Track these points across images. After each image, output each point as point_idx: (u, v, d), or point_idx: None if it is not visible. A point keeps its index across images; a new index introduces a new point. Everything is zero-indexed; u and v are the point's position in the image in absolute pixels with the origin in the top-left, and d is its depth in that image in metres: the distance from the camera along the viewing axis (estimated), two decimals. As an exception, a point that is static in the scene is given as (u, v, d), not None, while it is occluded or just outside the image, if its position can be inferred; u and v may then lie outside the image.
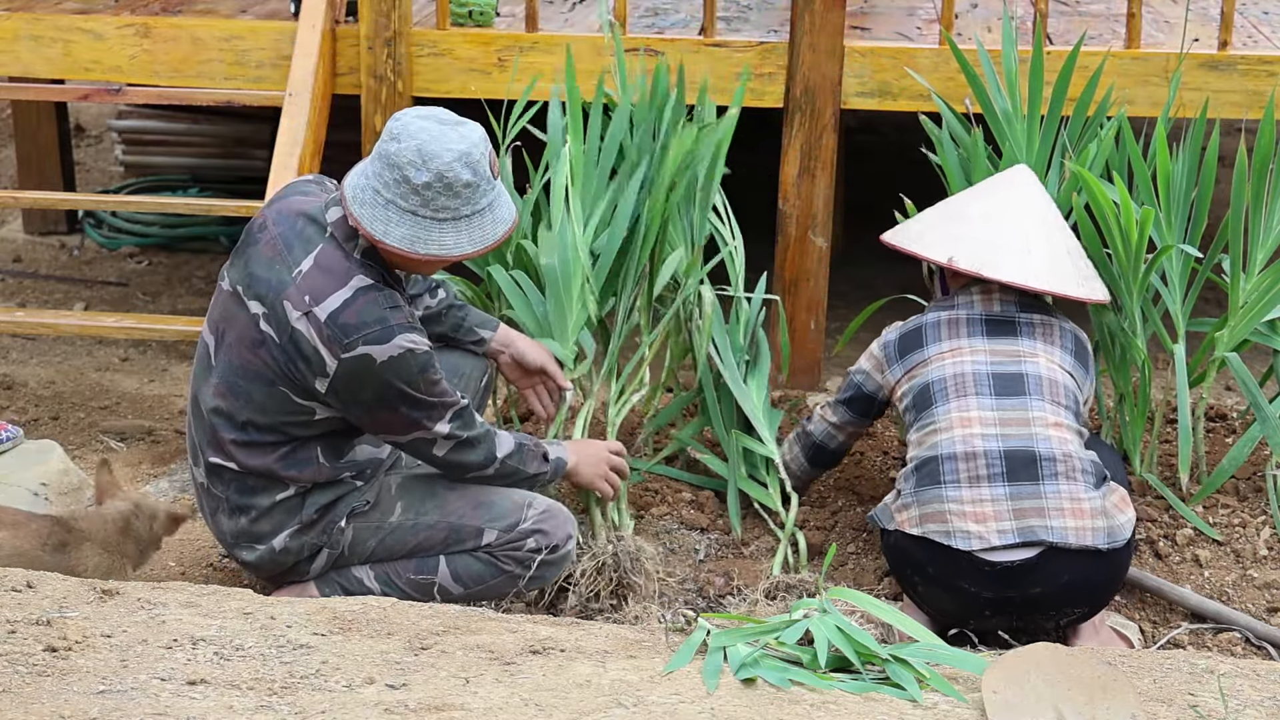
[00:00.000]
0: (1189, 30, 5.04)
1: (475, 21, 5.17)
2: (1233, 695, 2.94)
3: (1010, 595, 3.49)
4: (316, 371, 3.32)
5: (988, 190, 4.05)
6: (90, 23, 5.21)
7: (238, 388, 3.41)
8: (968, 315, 3.83)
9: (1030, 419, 3.62)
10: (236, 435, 3.43)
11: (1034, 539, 3.51)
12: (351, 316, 3.29)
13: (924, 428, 3.71)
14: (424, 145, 3.23)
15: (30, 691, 2.76)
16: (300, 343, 3.31)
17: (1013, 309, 3.83)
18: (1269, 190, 4.23)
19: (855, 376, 4.01)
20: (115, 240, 7.00)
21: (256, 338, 3.37)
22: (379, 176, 3.27)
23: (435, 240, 3.29)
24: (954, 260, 3.81)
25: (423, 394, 3.36)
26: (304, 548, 3.51)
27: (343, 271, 3.32)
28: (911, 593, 3.70)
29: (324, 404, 3.39)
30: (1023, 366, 3.71)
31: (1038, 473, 3.56)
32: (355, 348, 3.28)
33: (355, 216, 3.29)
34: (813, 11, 4.83)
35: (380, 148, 3.28)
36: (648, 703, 2.80)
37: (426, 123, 3.26)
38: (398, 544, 3.54)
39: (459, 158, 3.24)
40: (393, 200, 3.26)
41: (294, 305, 3.31)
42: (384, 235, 3.27)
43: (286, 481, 3.46)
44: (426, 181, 3.23)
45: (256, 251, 3.42)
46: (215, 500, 3.52)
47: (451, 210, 3.28)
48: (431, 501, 3.55)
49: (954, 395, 3.69)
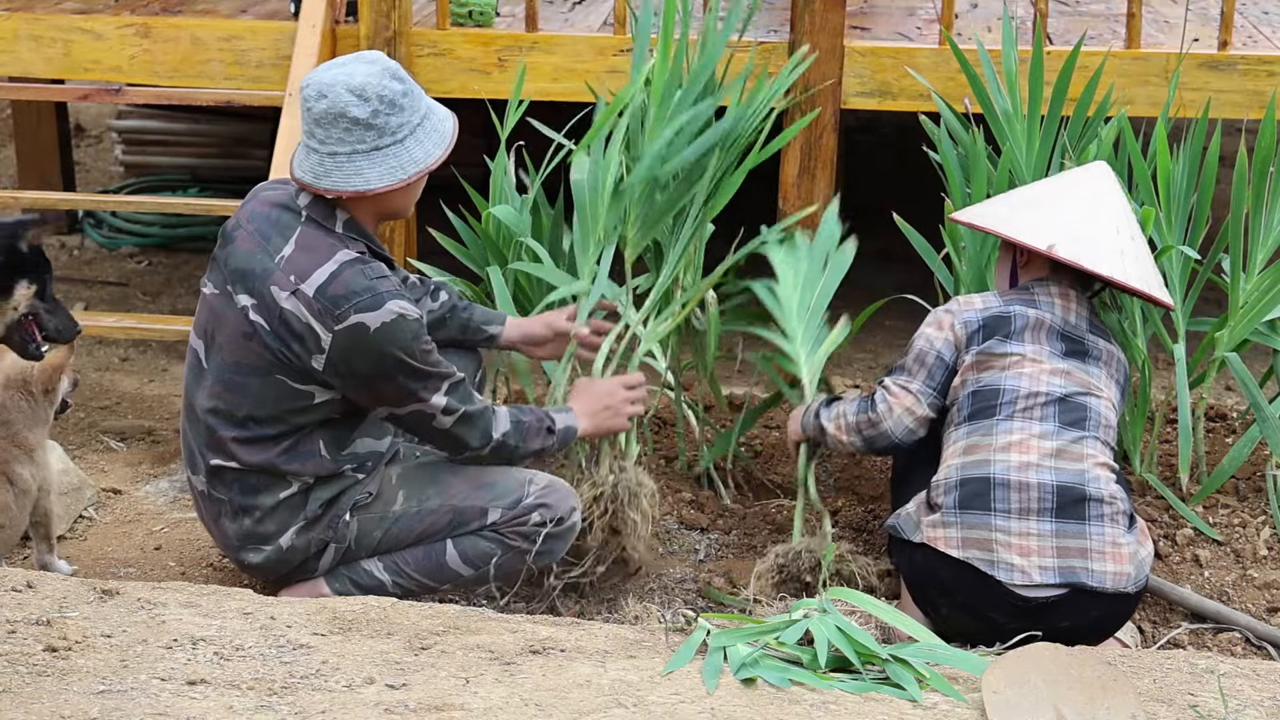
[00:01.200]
0: (1189, 30, 5.04)
1: (475, 21, 5.18)
2: (1233, 695, 2.94)
3: (1037, 628, 3.37)
4: (312, 349, 3.32)
5: (1073, 183, 3.87)
6: (90, 23, 5.21)
7: (234, 384, 3.41)
8: (1050, 321, 3.67)
9: (1084, 455, 3.52)
10: (237, 432, 3.43)
11: (1074, 580, 3.44)
12: (340, 288, 3.29)
13: (978, 432, 3.57)
14: (351, 82, 3.29)
15: (30, 691, 2.76)
16: (291, 322, 3.31)
17: (1084, 324, 3.70)
18: (1269, 190, 4.23)
19: (946, 354, 3.69)
20: (115, 240, 7.01)
21: (247, 330, 3.37)
22: (327, 140, 3.31)
23: (410, 158, 3.34)
24: (1054, 249, 3.64)
25: (419, 362, 3.35)
26: (310, 544, 3.51)
27: (325, 247, 3.33)
28: (929, 610, 3.59)
29: (322, 384, 3.38)
30: (1089, 400, 3.60)
31: (1085, 513, 3.47)
32: (348, 317, 3.28)
33: (329, 188, 3.32)
34: (813, 11, 4.83)
35: (313, 113, 3.31)
36: (648, 703, 2.80)
37: (336, 72, 3.31)
38: (404, 532, 3.54)
39: (383, 73, 3.31)
40: (353, 151, 3.31)
41: (280, 287, 3.32)
42: (364, 183, 3.30)
43: (289, 477, 3.46)
44: (373, 110, 3.28)
45: (235, 249, 3.42)
46: (218, 504, 3.51)
47: (405, 125, 3.33)
48: (433, 487, 3.55)
49: (1021, 415, 3.56)
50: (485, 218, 4.25)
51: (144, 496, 4.33)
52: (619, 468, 3.81)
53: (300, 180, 3.36)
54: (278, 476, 3.46)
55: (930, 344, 3.71)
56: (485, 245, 4.32)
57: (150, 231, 7.04)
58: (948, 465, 3.58)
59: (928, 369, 3.71)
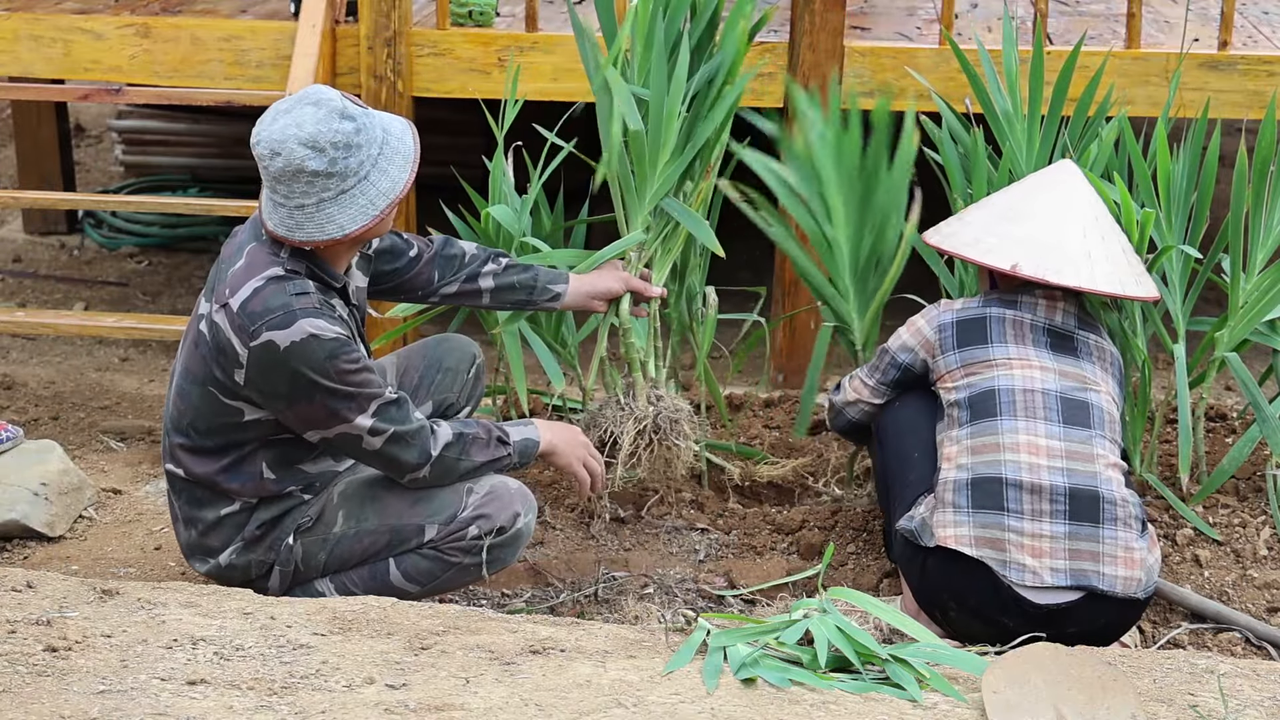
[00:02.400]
0: (1189, 30, 5.04)
1: (475, 21, 5.18)
2: (1233, 695, 2.94)
3: (1047, 632, 3.38)
4: (233, 363, 3.28)
5: (1038, 187, 3.90)
6: (90, 23, 5.22)
7: (183, 390, 3.41)
8: (1032, 321, 3.68)
9: (1094, 455, 3.52)
10: (181, 440, 3.42)
11: (1085, 584, 3.43)
12: (258, 304, 3.25)
13: (981, 436, 3.56)
14: (301, 134, 3.22)
15: (30, 691, 2.76)
16: (218, 335, 3.29)
17: (1072, 321, 3.71)
18: (1269, 190, 4.23)
19: (900, 356, 3.83)
20: (115, 240, 7.01)
21: (196, 337, 3.38)
22: (291, 195, 3.26)
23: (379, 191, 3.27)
24: (1018, 268, 3.67)
25: (336, 383, 3.27)
26: (251, 565, 3.47)
27: (262, 264, 3.30)
28: (938, 614, 3.56)
29: (248, 401, 3.35)
30: (1088, 395, 3.60)
31: (1098, 515, 3.46)
32: (260, 335, 3.24)
33: (305, 240, 3.29)
34: (813, 11, 4.83)
35: (269, 172, 3.26)
36: (648, 703, 2.80)
37: (281, 126, 3.24)
38: (346, 553, 3.49)
39: (329, 115, 3.23)
40: (320, 200, 3.26)
41: (217, 300, 3.32)
42: (339, 230, 3.26)
43: (230, 495, 3.43)
44: (331, 159, 3.22)
45: (219, 258, 3.45)
46: (173, 509, 3.54)
47: (367, 161, 3.26)
48: (371, 507, 3.49)
49: (1023, 414, 3.55)
50: (485, 217, 4.25)
51: (144, 496, 4.33)
52: (655, 397, 3.84)
53: (273, 233, 3.30)
54: (219, 493, 3.43)
55: (893, 344, 3.86)
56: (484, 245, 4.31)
57: (150, 231, 7.04)
58: (955, 464, 3.56)
59: (882, 369, 3.89)
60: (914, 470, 3.70)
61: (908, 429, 3.79)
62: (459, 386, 3.85)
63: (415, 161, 3.34)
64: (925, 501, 3.61)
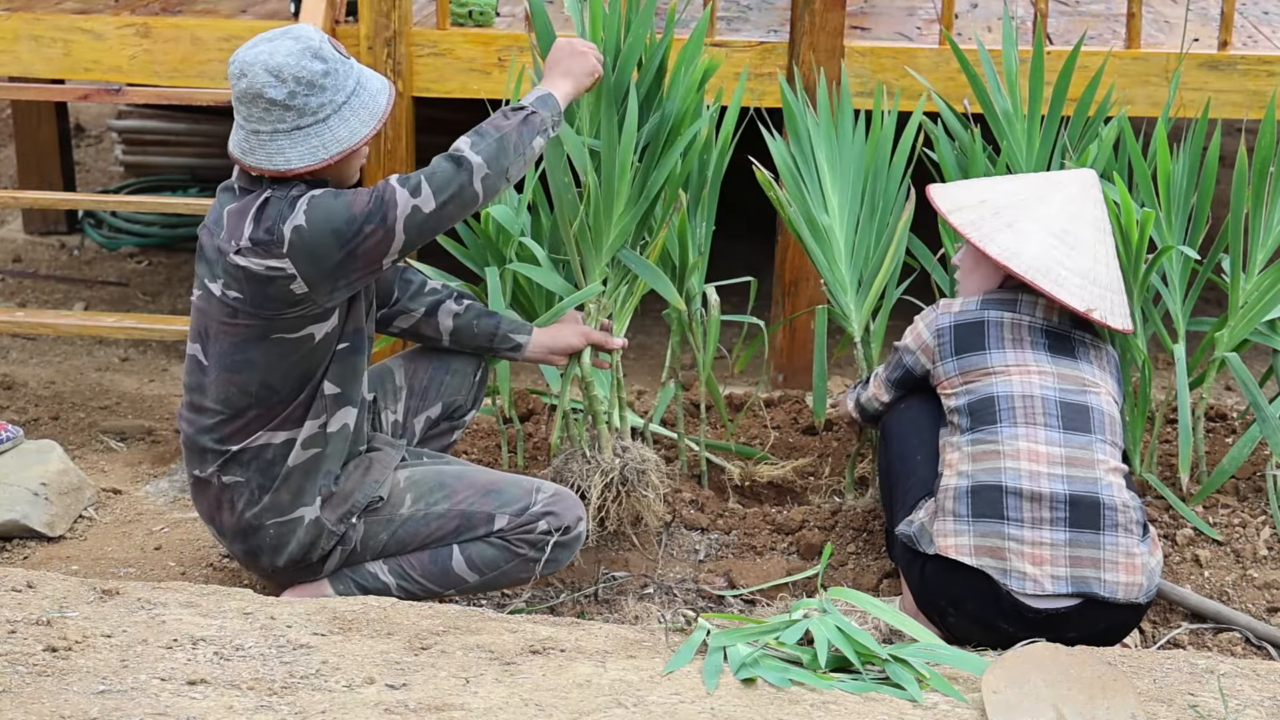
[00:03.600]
0: (1189, 30, 5.04)
1: (475, 21, 5.18)
2: (1233, 695, 2.94)
3: (1047, 637, 3.35)
4: (286, 281, 3.31)
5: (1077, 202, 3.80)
6: (90, 23, 5.22)
7: (238, 363, 3.42)
8: (1030, 322, 3.67)
9: (1095, 461, 3.51)
10: (255, 407, 3.44)
11: (1085, 590, 3.43)
12: (265, 220, 3.32)
13: (982, 443, 3.55)
14: (270, 62, 3.30)
15: (30, 691, 2.76)
16: (254, 273, 3.32)
17: (1068, 323, 3.70)
18: (1269, 190, 4.23)
19: (905, 358, 3.82)
20: (115, 240, 7.01)
21: (228, 309, 3.39)
22: (250, 118, 3.33)
23: (333, 138, 3.33)
24: (1091, 313, 3.64)
25: (361, 208, 3.30)
26: (323, 536, 3.50)
27: (249, 205, 3.37)
28: (937, 618, 3.56)
29: (313, 317, 3.37)
30: (1087, 398, 3.59)
31: (1099, 521, 3.45)
32: (283, 235, 3.29)
33: (253, 165, 3.34)
34: (813, 11, 4.83)
35: (235, 91, 3.33)
36: (648, 703, 2.80)
37: (259, 49, 3.33)
38: (410, 536, 3.55)
39: (303, 52, 3.30)
40: (274, 130, 3.32)
41: (229, 253, 3.35)
42: (285, 162, 3.32)
43: (301, 441, 3.45)
44: (290, 91, 3.29)
45: (201, 248, 3.48)
46: (232, 490, 3.50)
47: (328, 105, 3.32)
48: (440, 492, 3.55)
49: (1022, 420, 3.54)
50: (484, 217, 4.25)
51: (144, 496, 4.33)
52: (621, 449, 3.86)
53: (232, 154, 3.39)
54: (288, 447, 3.45)
55: (903, 351, 3.84)
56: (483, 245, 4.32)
57: (150, 231, 7.04)
58: (956, 471, 3.55)
59: (891, 366, 3.90)
60: (915, 473, 3.69)
61: (911, 430, 3.78)
62: (467, 389, 3.86)
63: (380, 121, 3.37)
64: (926, 506, 3.60)
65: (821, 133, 4.24)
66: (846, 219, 4.22)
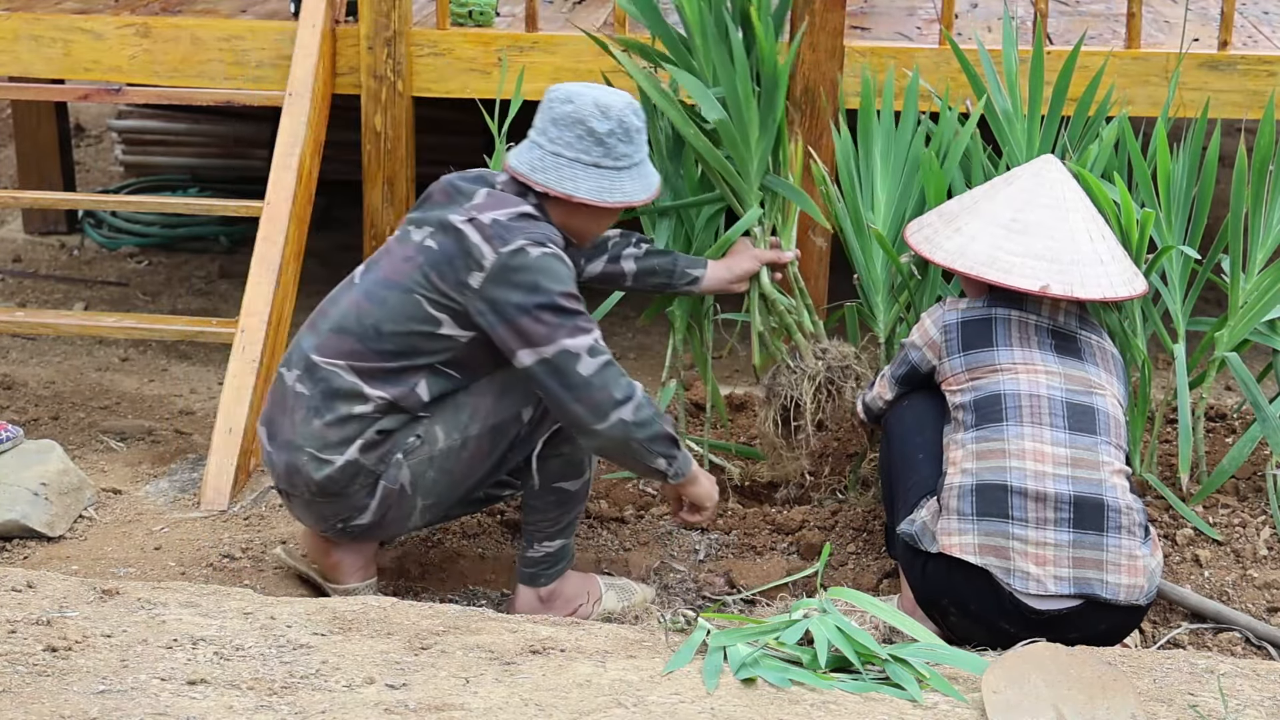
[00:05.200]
0: (1189, 30, 5.04)
1: (475, 21, 5.18)
2: (1233, 695, 2.94)
3: (1048, 637, 3.34)
4: (473, 265, 3.45)
5: (1030, 190, 3.80)
6: (90, 23, 5.22)
7: (375, 295, 3.54)
8: (1037, 321, 3.66)
9: (1099, 463, 3.51)
10: (353, 335, 3.52)
11: (1088, 592, 3.43)
12: (514, 224, 3.47)
13: (986, 441, 3.54)
14: (599, 98, 3.52)
15: (30, 691, 2.76)
16: (461, 239, 3.46)
17: (1074, 322, 3.70)
18: (1269, 190, 4.23)
19: (911, 354, 3.81)
20: (115, 240, 7.01)
21: (410, 254, 3.53)
22: (557, 140, 3.52)
23: (619, 188, 3.54)
24: (1048, 289, 3.63)
25: (570, 302, 3.44)
26: (361, 474, 3.54)
27: (511, 201, 3.53)
28: (939, 619, 3.56)
29: (459, 312, 3.47)
30: (1093, 400, 3.58)
31: (1103, 523, 3.45)
32: (514, 242, 3.44)
33: (542, 183, 3.51)
34: (813, 11, 4.83)
35: (553, 113, 3.52)
36: (648, 703, 2.80)
37: (586, 87, 3.56)
38: (453, 464, 3.58)
39: (627, 105, 3.55)
40: (576, 158, 3.51)
41: (459, 216, 3.50)
42: (574, 189, 3.51)
43: (368, 399, 3.51)
44: (610, 129, 3.51)
45: (429, 203, 3.62)
46: (298, 399, 3.55)
47: (628, 158, 3.55)
48: (465, 412, 3.58)
49: (1029, 419, 3.54)
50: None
51: (144, 496, 4.33)
52: (820, 351, 4.10)
53: (515, 169, 3.54)
54: (358, 395, 3.51)
55: (909, 347, 3.83)
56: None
57: (150, 231, 7.05)
58: (960, 469, 3.55)
59: (898, 363, 3.89)
60: (917, 472, 3.69)
61: (914, 429, 3.78)
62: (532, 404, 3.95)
63: (652, 198, 3.61)
64: (927, 505, 3.60)
65: (881, 130, 4.33)
66: (891, 219, 4.29)
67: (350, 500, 3.58)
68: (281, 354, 4.72)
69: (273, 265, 4.68)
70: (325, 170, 5.16)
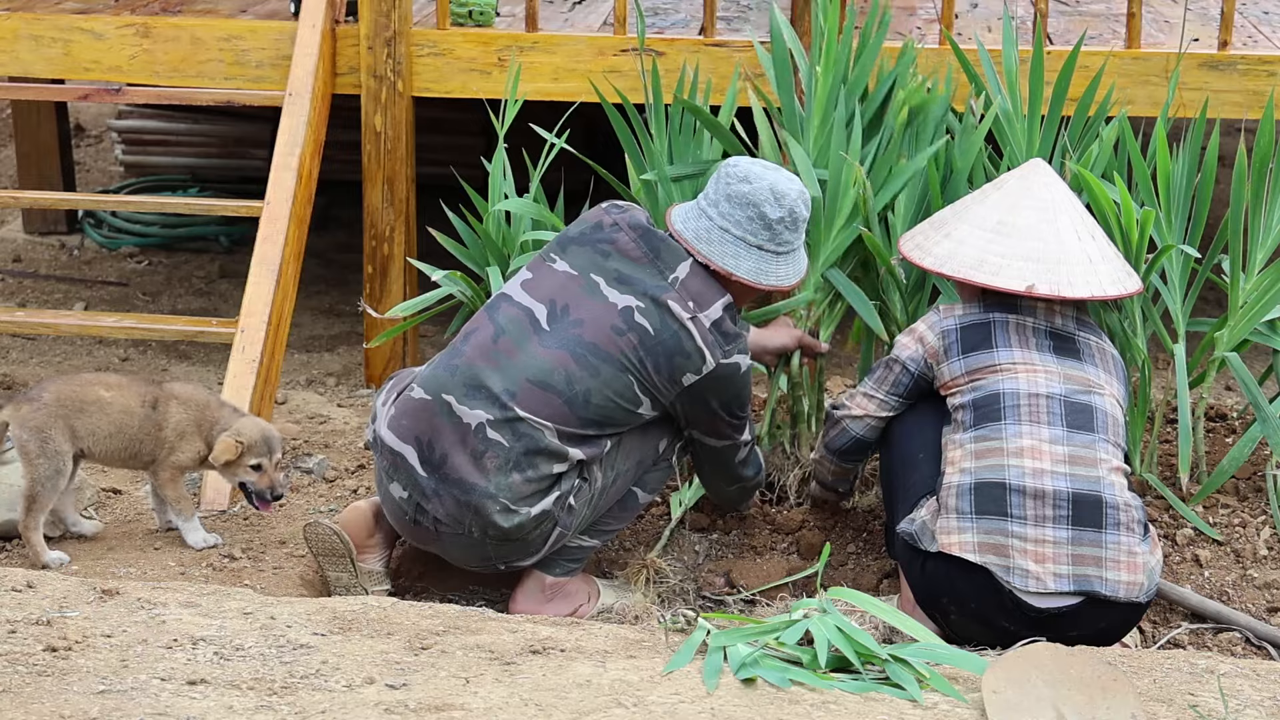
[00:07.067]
0: (1189, 30, 5.04)
1: (475, 21, 5.18)
2: (1233, 695, 2.94)
3: (1048, 635, 3.36)
4: (692, 367, 3.60)
5: (1018, 194, 3.81)
6: (90, 23, 5.22)
7: (586, 361, 3.59)
8: (1034, 324, 3.67)
9: (1098, 460, 3.51)
10: (560, 398, 3.56)
11: (1087, 589, 3.43)
12: (729, 328, 3.64)
13: (985, 440, 3.55)
14: (775, 185, 3.65)
15: (30, 691, 2.76)
16: (684, 340, 3.59)
17: (1072, 324, 3.70)
18: (1268, 190, 4.23)
19: (911, 366, 3.76)
20: (115, 240, 7.01)
21: (621, 326, 3.60)
22: (728, 216, 3.65)
23: (774, 272, 3.68)
24: (1033, 288, 3.64)
25: (749, 411, 3.77)
26: (545, 520, 3.60)
27: (713, 290, 3.65)
28: (940, 617, 3.56)
29: (660, 400, 3.63)
30: (1092, 398, 3.59)
31: (1101, 520, 3.46)
32: (732, 355, 3.63)
33: (704, 254, 3.64)
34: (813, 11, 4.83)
35: (729, 190, 3.65)
36: (648, 703, 2.80)
37: (763, 169, 3.68)
38: (606, 502, 3.73)
39: (800, 195, 3.69)
40: (742, 237, 3.65)
41: (680, 307, 3.60)
42: (735, 268, 3.64)
43: (566, 459, 3.59)
44: (780, 217, 3.65)
45: (611, 250, 3.67)
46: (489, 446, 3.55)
47: (789, 244, 3.69)
48: (618, 451, 3.69)
49: (1027, 418, 3.54)
50: (486, 217, 4.25)
51: (144, 496, 4.33)
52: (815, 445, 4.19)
53: (680, 235, 3.68)
54: (555, 454, 3.57)
55: (901, 353, 3.78)
56: (485, 245, 4.32)
57: (150, 231, 7.05)
58: (959, 468, 3.55)
59: (891, 380, 3.81)
60: (917, 472, 3.69)
61: (915, 430, 3.77)
62: None
63: (796, 283, 3.78)
64: (927, 504, 3.60)
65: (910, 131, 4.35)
66: (910, 218, 4.29)
67: (528, 545, 3.64)
68: (281, 354, 4.72)
69: (273, 265, 4.68)
70: (325, 170, 5.16)
